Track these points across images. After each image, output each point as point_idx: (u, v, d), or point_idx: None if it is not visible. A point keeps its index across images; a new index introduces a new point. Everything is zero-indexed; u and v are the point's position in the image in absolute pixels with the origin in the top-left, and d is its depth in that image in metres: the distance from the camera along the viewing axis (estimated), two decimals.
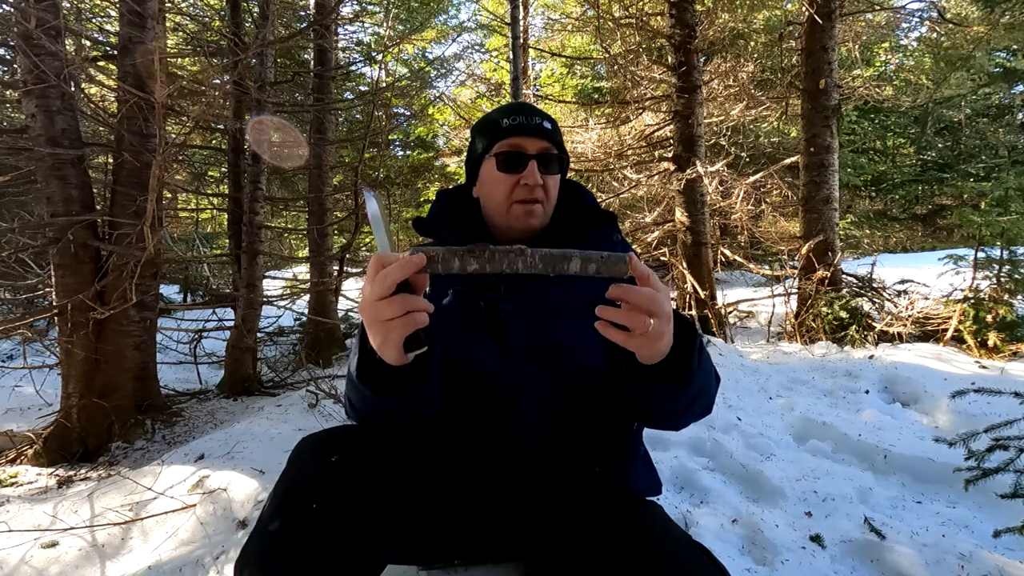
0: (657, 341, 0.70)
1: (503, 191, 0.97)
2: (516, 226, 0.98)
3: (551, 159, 0.98)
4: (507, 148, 0.97)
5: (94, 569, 1.65)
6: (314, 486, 0.77)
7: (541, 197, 0.96)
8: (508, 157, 0.97)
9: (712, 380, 0.90)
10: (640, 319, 0.67)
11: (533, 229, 0.98)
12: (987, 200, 4.67)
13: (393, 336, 0.66)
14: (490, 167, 0.99)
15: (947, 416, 2.56)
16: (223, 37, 4.33)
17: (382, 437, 0.86)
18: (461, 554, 1.02)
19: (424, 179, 8.15)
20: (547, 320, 0.94)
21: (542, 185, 0.96)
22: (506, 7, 6.82)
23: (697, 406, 0.87)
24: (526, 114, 0.98)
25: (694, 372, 0.78)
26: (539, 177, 0.95)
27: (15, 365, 3.71)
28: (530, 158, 0.96)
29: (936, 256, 5.04)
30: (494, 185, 0.99)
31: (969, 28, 5.66)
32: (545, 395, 0.91)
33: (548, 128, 0.98)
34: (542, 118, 0.98)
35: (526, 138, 0.97)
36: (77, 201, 2.82)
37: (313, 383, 3.06)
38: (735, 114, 6.44)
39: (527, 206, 0.96)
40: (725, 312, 5.00)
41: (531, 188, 0.95)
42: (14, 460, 2.77)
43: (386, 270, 0.64)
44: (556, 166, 0.99)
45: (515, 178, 0.96)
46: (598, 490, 0.94)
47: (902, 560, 1.42)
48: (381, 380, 0.74)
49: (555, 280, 0.96)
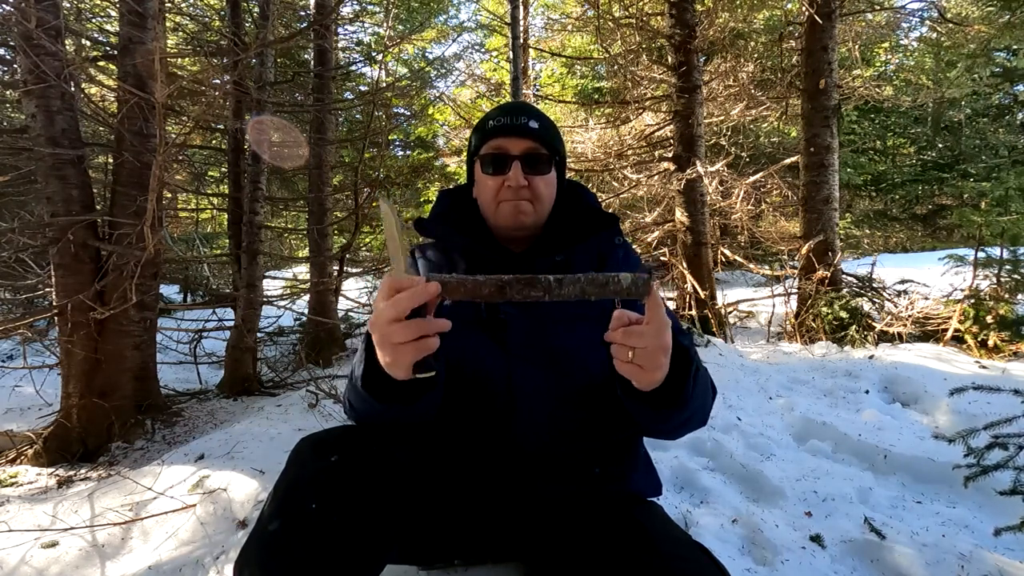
0: (654, 372, 0.71)
1: (490, 192, 0.97)
2: (507, 224, 0.98)
3: (538, 159, 0.97)
4: (491, 150, 0.97)
5: (94, 569, 1.65)
6: (314, 486, 0.77)
7: (527, 197, 0.96)
8: (492, 159, 0.97)
9: (708, 397, 0.90)
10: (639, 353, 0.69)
11: (525, 226, 0.98)
12: (987, 200, 4.67)
13: (404, 360, 0.67)
14: (478, 168, 1.00)
15: (947, 416, 2.56)
16: (223, 37, 4.33)
17: (382, 437, 0.86)
18: (461, 554, 1.02)
19: (424, 179, 8.14)
20: (548, 322, 0.93)
21: (527, 185, 0.95)
22: (506, 7, 6.82)
23: (692, 424, 0.89)
24: (512, 114, 0.97)
25: (688, 399, 0.79)
26: (522, 178, 0.94)
27: (15, 365, 3.71)
28: (513, 159, 0.95)
29: (936, 256, 5.04)
30: (482, 186, 0.99)
31: (969, 28, 5.66)
32: (545, 397, 0.91)
33: (534, 128, 0.96)
34: (529, 117, 0.97)
35: (509, 139, 0.96)
36: (77, 201, 2.81)
37: (313, 383, 3.06)
38: (735, 114, 6.44)
39: (514, 203, 0.96)
40: (725, 312, 5.00)
41: (515, 189, 0.95)
42: (14, 460, 2.77)
43: (400, 296, 0.64)
44: (545, 165, 0.98)
45: (500, 179, 0.96)
46: (598, 491, 0.94)
47: (902, 560, 1.42)
48: (386, 391, 0.75)
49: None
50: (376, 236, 8.50)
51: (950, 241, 10.48)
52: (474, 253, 1.00)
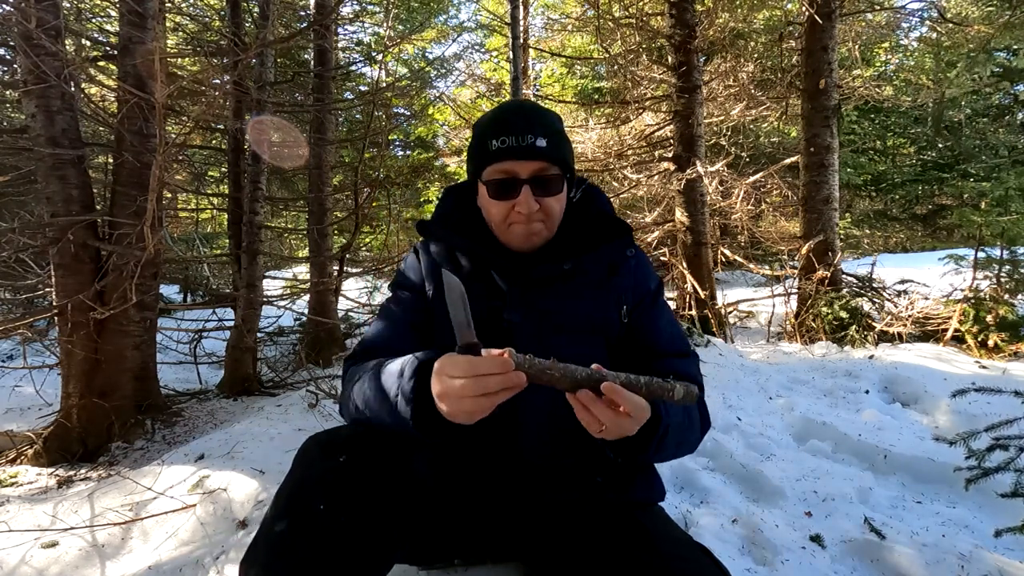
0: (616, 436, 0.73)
1: (499, 215, 0.93)
2: (519, 245, 0.95)
3: (549, 180, 0.91)
4: (498, 175, 0.91)
5: (94, 569, 1.65)
6: (322, 486, 0.76)
7: (540, 219, 0.92)
8: (499, 184, 0.91)
9: (691, 434, 0.91)
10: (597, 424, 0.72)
11: (536, 246, 0.96)
12: (987, 200, 4.67)
13: (474, 417, 0.69)
14: (483, 191, 0.95)
15: (947, 416, 2.56)
16: (223, 37, 4.33)
17: (389, 438, 0.85)
18: (461, 554, 1.02)
19: (424, 179, 8.15)
20: (550, 332, 0.92)
21: (540, 208, 0.91)
22: (506, 7, 6.82)
23: (677, 455, 0.93)
24: (518, 133, 0.89)
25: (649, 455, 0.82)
26: (534, 204, 0.89)
27: (15, 365, 3.71)
28: (523, 183, 0.89)
29: (936, 256, 5.04)
30: (490, 208, 0.95)
31: (969, 28, 5.66)
32: (547, 407, 0.91)
33: (542, 147, 0.89)
34: (536, 135, 0.89)
35: (517, 162, 0.89)
36: (77, 201, 2.81)
37: (313, 383, 3.06)
38: (735, 114, 6.44)
39: (525, 227, 0.92)
40: (725, 312, 5.00)
41: (526, 216, 0.90)
42: (14, 460, 2.77)
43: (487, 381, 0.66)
44: (556, 185, 0.92)
45: (509, 204, 0.91)
46: (600, 499, 0.93)
47: (902, 560, 1.42)
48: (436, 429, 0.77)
49: (557, 292, 0.95)
50: (376, 236, 8.50)
51: (950, 241, 10.48)
52: (477, 255, 0.98)
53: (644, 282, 1.01)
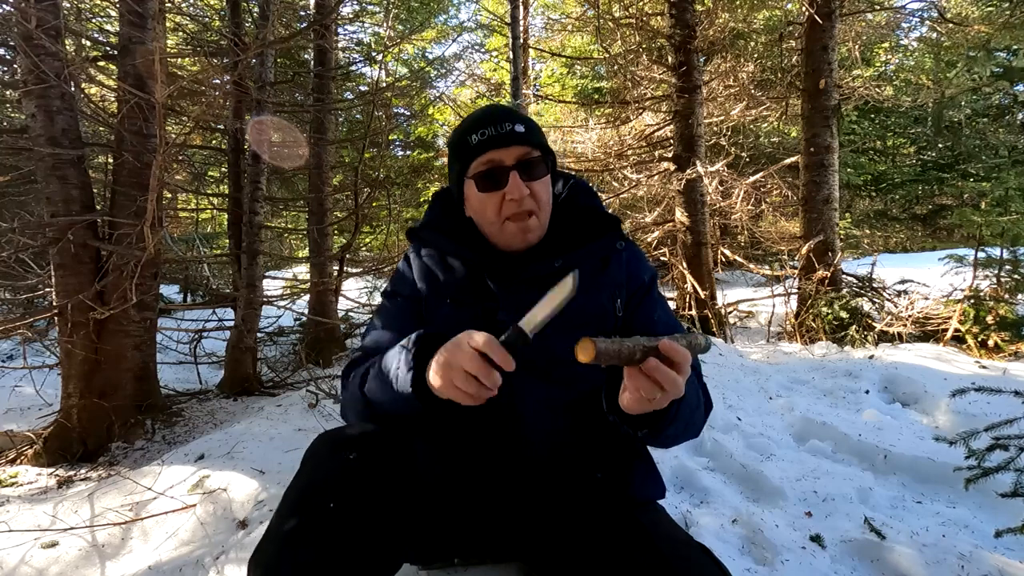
0: (651, 406, 0.72)
1: (491, 210, 0.92)
2: (514, 245, 0.95)
3: (533, 163, 0.92)
4: (484, 166, 0.91)
5: (94, 569, 1.65)
6: (332, 485, 0.76)
7: (532, 207, 0.92)
8: (487, 175, 0.91)
9: (697, 414, 0.90)
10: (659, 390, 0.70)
11: (532, 244, 0.95)
12: (987, 200, 4.67)
13: (457, 399, 0.73)
14: (472, 188, 0.94)
15: (947, 416, 2.56)
16: (223, 37, 4.33)
17: (399, 435, 0.85)
18: (461, 553, 1.02)
19: (424, 179, 8.13)
20: (548, 331, 0.93)
21: (530, 194, 0.91)
22: (506, 7, 6.82)
23: (681, 439, 0.91)
24: (495, 123, 0.91)
25: (669, 424, 0.81)
26: (524, 188, 0.90)
27: (15, 365, 3.71)
28: (509, 170, 0.90)
29: (936, 256, 5.04)
30: (481, 206, 0.94)
31: (969, 28, 5.66)
32: (546, 406, 0.91)
33: (521, 132, 0.91)
34: (512, 122, 0.91)
35: (500, 150, 0.90)
36: (77, 201, 2.81)
37: (313, 383, 3.06)
38: (735, 114, 6.44)
39: (521, 222, 0.92)
40: (725, 312, 5.00)
41: (518, 201, 0.90)
42: (14, 460, 2.77)
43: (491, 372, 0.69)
44: (541, 168, 0.93)
45: (499, 195, 0.91)
46: (600, 496, 0.93)
47: (902, 560, 1.42)
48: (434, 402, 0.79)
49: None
50: (376, 236, 8.49)
51: (950, 241, 10.48)
52: (468, 259, 0.98)
53: (638, 274, 1.01)
